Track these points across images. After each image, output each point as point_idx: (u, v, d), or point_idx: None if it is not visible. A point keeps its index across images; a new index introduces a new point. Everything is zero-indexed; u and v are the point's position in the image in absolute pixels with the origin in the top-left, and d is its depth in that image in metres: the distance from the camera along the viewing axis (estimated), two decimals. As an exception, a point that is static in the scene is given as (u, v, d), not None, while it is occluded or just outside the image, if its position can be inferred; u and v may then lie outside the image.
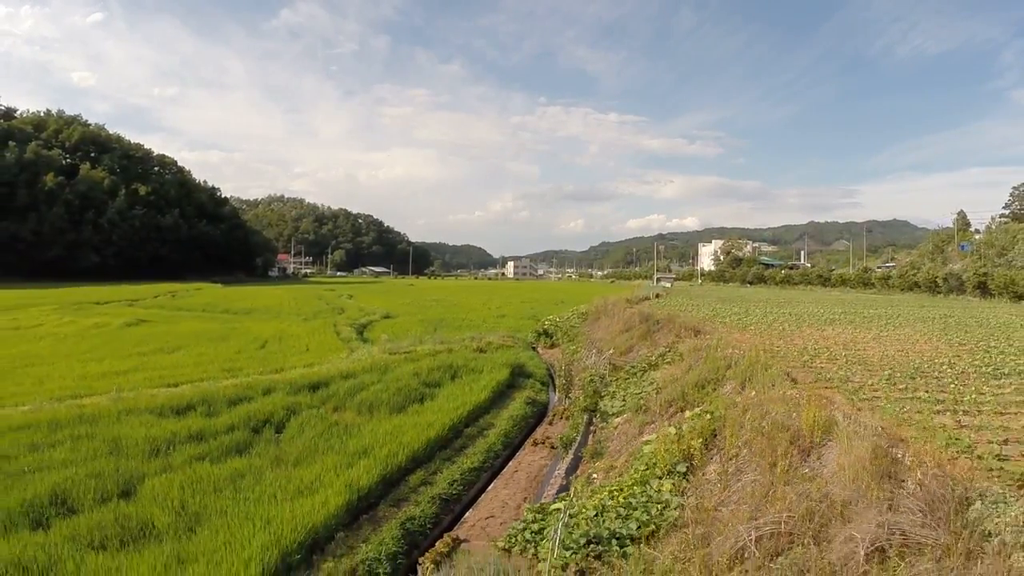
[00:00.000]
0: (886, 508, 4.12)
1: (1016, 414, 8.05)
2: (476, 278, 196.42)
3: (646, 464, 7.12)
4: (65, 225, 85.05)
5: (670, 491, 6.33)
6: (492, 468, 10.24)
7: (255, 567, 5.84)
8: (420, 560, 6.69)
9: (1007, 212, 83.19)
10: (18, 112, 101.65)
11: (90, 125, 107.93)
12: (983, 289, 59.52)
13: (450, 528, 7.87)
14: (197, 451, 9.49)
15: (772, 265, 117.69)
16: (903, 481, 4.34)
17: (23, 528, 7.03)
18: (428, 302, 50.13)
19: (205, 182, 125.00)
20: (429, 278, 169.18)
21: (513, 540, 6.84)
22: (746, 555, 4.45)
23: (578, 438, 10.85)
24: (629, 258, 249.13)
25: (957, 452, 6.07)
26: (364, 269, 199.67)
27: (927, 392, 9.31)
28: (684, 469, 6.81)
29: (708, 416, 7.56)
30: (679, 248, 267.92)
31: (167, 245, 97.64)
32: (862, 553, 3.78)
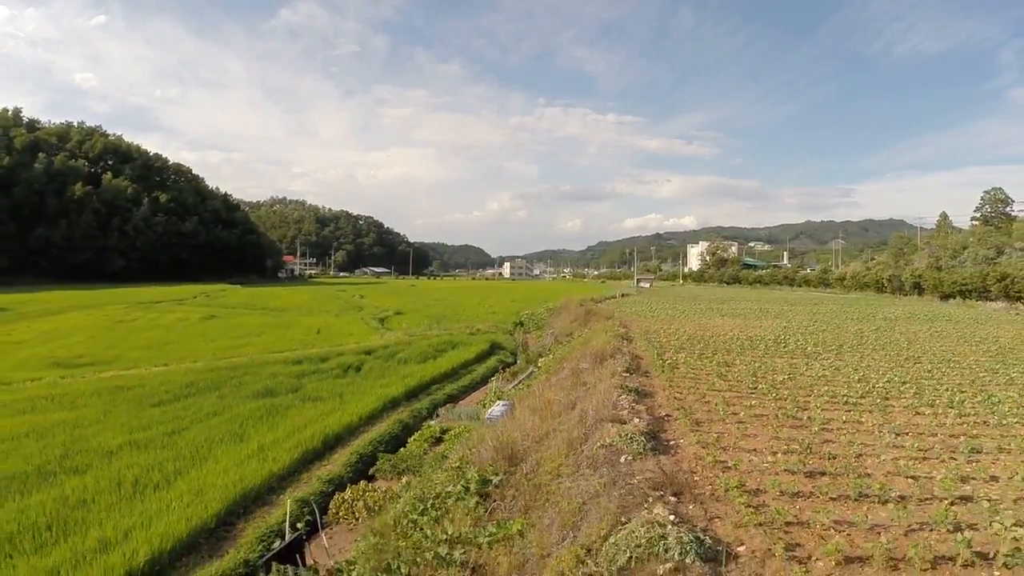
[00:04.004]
0: (588, 357, 12.91)
1: (737, 359, 16.62)
2: (474, 278, 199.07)
3: (542, 369, 15.94)
4: (94, 231, 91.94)
5: (545, 376, 15.11)
6: (474, 387, 19.33)
7: (377, 404, 14.72)
8: (438, 410, 15.42)
9: (978, 215, 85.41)
10: (41, 123, 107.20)
11: (110, 135, 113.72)
12: (919, 289, 67.87)
13: (453, 403, 16.59)
14: (320, 377, 18.24)
15: (753, 266, 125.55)
16: (602, 357, 13.05)
17: (262, 398, 15.65)
18: (431, 301, 57.75)
19: (217, 188, 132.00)
20: (429, 279, 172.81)
21: (481, 403, 15.59)
22: (563, 379, 13.20)
23: (522, 375, 19.55)
24: (624, 258, 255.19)
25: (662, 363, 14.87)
26: (365, 270, 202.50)
27: (701, 348, 17.94)
28: (555, 369, 15.53)
29: (566, 350, 16.34)
30: (675, 248, 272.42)
31: (187, 249, 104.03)
32: (569, 370, 12.58)
